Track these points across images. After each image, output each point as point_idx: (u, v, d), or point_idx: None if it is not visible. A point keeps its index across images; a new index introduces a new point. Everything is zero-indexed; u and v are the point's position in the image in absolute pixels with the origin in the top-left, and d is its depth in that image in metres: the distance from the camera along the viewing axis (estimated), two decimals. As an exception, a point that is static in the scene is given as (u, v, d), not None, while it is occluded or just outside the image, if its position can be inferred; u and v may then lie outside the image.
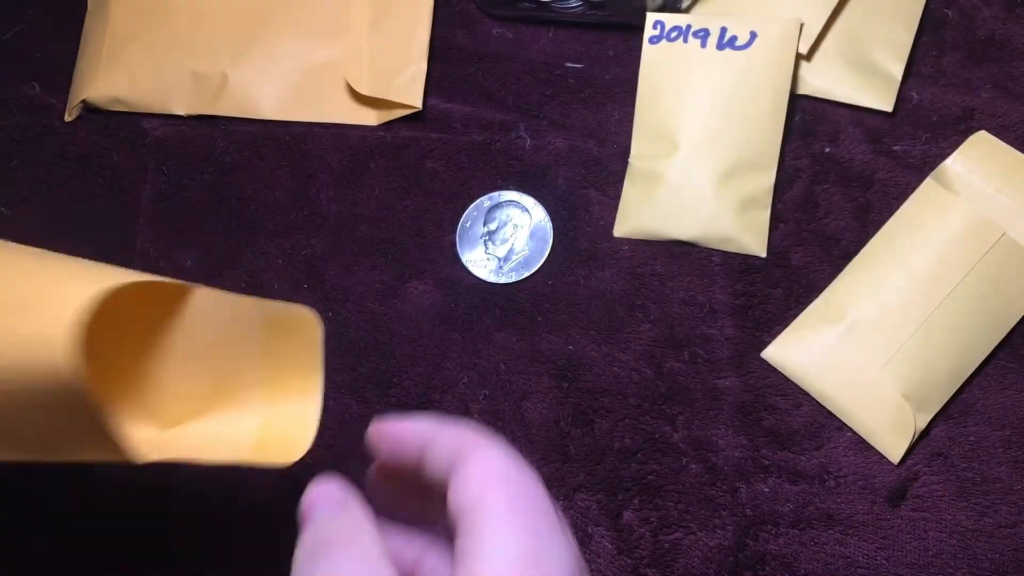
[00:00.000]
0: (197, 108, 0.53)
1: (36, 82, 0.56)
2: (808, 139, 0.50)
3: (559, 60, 0.52)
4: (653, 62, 0.49)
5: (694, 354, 0.48)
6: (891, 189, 0.49)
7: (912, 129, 0.49)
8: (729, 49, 0.48)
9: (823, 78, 0.50)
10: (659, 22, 0.49)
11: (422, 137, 0.52)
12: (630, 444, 0.48)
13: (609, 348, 0.49)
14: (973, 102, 0.49)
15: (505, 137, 0.52)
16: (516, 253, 0.50)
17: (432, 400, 0.49)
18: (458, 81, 0.53)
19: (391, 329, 0.50)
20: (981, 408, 0.46)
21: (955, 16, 0.50)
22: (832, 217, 0.49)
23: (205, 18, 0.53)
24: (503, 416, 0.48)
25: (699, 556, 0.46)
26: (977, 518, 0.45)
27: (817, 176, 0.50)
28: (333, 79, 0.52)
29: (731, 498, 0.47)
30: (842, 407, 0.46)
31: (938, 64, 0.50)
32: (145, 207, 0.53)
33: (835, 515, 0.46)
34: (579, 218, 0.51)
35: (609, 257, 0.50)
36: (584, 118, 0.52)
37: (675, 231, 0.49)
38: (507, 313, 0.50)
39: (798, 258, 0.49)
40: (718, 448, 0.47)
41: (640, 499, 0.47)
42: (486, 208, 0.51)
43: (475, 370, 0.49)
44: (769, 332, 0.48)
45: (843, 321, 0.46)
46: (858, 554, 0.45)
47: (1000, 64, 0.50)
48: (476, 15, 0.53)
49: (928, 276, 0.46)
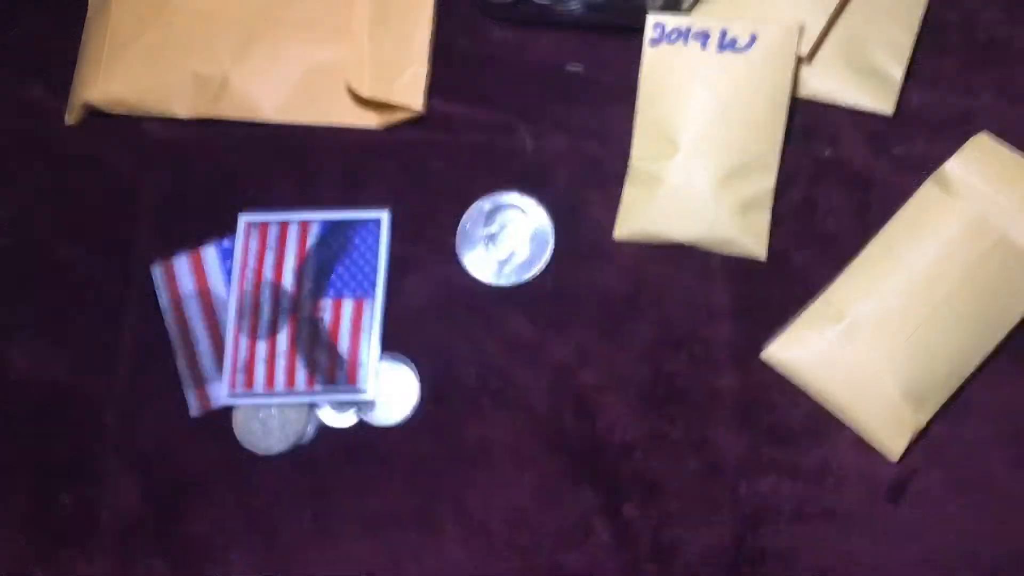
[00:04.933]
0: (198, 110, 0.53)
1: (37, 84, 0.56)
2: (808, 141, 0.50)
3: (560, 62, 0.52)
4: (654, 64, 0.49)
5: (694, 354, 0.49)
6: (891, 191, 0.49)
7: (912, 131, 0.50)
8: (729, 51, 0.48)
9: (823, 80, 0.50)
10: (659, 24, 0.48)
11: (423, 138, 0.52)
12: (631, 441, 0.48)
13: (609, 348, 0.49)
14: (973, 105, 0.49)
15: (506, 139, 0.52)
16: (517, 255, 0.50)
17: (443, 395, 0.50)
18: (459, 83, 0.53)
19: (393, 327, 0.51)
20: (980, 407, 0.47)
21: (955, 19, 0.50)
22: (832, 219, 0.49)
23: (206, 20, 0.53)
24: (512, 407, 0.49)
25: (699, 552, 0.47)
26: (975, 515, 0.46)
27: (817, 178, 0.50)
28: (334, 81, 0.52)
29: (731, 495, 0.47)
30: (842, 406, 0.47)
31: (938, 67, 0.50)
32: (146, 210, 0.53)
33: (834, 512, 0.46)
34: (580, 220, 0.51)
35: (610, 258, 0.50)
36: (585, 120, 0.52)
37: (676, 233, 0.49)
38: (508, 315, 0.50)
39: (798, 259, 0.49)
40: (718, 446, 0.48)
41: (641, 495, 0.47)
42: (487, 210, 0.51)
43: (479, 365, 0.49)
44: (769, 332, 0.48)
45: (843, 321, 0.47)
46: (857, 551, 0.46)
47: (1000, 67, 0.50)
48: (477, 17, 0.53)
49: (927, 277, 0.46)
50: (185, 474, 0.50)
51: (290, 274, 0.47)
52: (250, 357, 0.47)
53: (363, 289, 0.47)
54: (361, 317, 0.47)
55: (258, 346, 0.47)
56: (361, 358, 0.47)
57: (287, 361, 0.47)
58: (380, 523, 0.49)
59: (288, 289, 0.47)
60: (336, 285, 0.47)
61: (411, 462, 0.49)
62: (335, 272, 0.47)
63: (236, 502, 0.49)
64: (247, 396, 0.47)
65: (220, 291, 0.49)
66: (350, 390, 0.47)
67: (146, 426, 0.51)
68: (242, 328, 0.47)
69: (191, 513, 0.50)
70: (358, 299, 0.47)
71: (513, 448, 0.49)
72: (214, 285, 0.49)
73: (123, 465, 0.51)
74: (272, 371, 0.47)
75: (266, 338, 0.47)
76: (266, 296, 0.47)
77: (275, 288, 0.47)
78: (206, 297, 0.49)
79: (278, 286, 0.47)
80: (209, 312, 0.49)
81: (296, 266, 0.47)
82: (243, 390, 0.47)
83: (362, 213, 0.48)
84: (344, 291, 0.47)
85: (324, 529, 0.49)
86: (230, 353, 0.48)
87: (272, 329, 0.47)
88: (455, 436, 0.49)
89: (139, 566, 0.49)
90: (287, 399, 0.47)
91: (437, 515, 0.48)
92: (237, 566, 0.49)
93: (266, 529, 0.49)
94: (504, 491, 0.48)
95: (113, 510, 0.50)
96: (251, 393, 0.47)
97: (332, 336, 0.47)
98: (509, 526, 0.48)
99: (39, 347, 0.52)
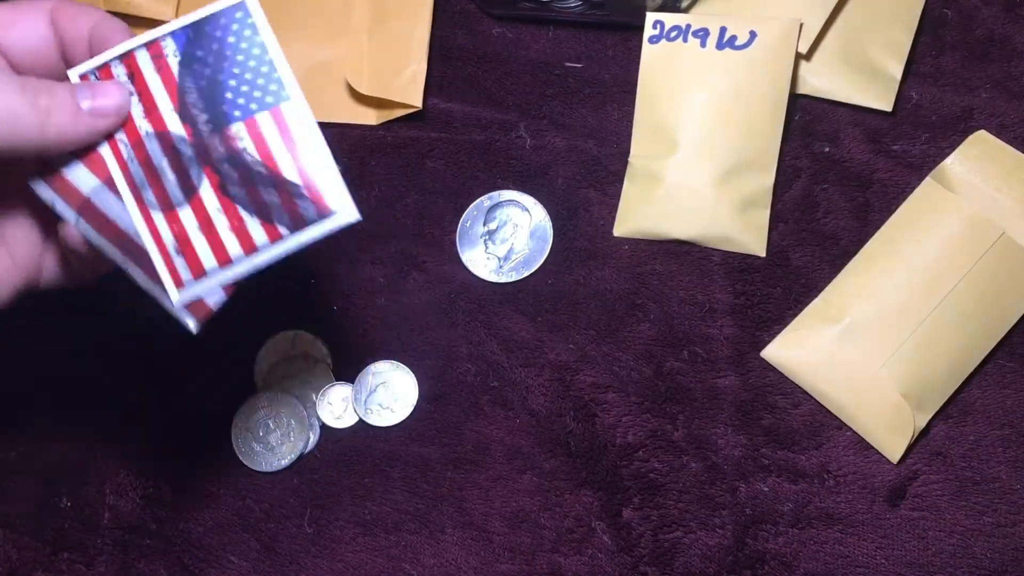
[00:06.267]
0: (197, 108, 0.53)
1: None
2: (808, 139, 0.50)
3: (559, 60, 0.52)
4: (653, 62, 0.49)
5: (694, 353, 0.49)
6: (890, 189, 0.49)
7: (911, 129, 0.50)
8: (729, 49, 0.48)
9: (823, 78, 0.50)
10: (659, 22, 0.49)
11: (422, 137, 0.52)
12: (631, 442, 0.48)
13: (609, 347, 0.49)
14: (972, 102, 0.49)
15: (505, 137, 0.52)
16: (516, 252, 0.50)
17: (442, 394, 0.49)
18: (458, 81, 0.53)
19: (396, 325, 0.50)
20: (980, 407, 0.47)
21: (954, 16, 0.50)
22: (832, 217, 0.49)
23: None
24: (512, 406, 0.49)
25: (699, 555, 0.46)
26: (976, 517, 0.45)
27: (817, 176, 0.50)
28: (333, 79, 0.52)
29: (731, 497, 0.47)
30: (841, 406, 0.47)
31: (937, 64, 0.50)
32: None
33: (834, 514, 0.46)
34: (579, 217, 0.51)
35: (609, 256, 0.50)
36: (584, 118, 0.52)
37: (675, 231, 0.49)
38: (507, 312, 0.50)
39: (798, 257, 0.49)
40: (718, 447, 0.47)
41: (640, 497, 0.47)
42: (486, 208, 0.51)
43: (479, 364, 0.49)
44: (769, 331, 0.48)
45: (842, 320, 0.46)
46: (857, 553, 0.46)
47: (999, 64, 0.50)
48: (476, 15, 0.53)
49: (927, 275, 0.46)
50: (185, 477, 0.50)
51: (171, 114, 0.35)
52: (180, 233, 0.36)
53: (271, 93, 0.35)
54: (287, 127, 0.35)
55: (182, 215, 0.36)
56: (315, 175, 0.36)
57: (228, 219, 0.36)
58: (379, 524, 0.48)
59: (179, 133, 0.35)
60: (236, 103, 0.35)
61: (410, 463, 0.49)
62: (227, 88, 0.35)
63: (235, 505, 0.49)
64: (201, 281, 0.36)
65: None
66: (324, 218, 0.36)
67: (147, 427, 0.51)
68: (149, 204, 0.35)
69: (191, 516, 0.49)
70: (272, 108, 0.35)
71: (513, 449, 0.48)
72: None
73: (124, 467, 0.50)
74: (216, 239, 0.36)
75: (186, 202, 0.36)
76: (156, 152, 0.35)
77: (163, 138, 0.35)
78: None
79: (165, 134, 0.35)
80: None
81: (173, 103, 0.35)
82: (192, 278, 0.36)
83: (217, 2, 0.35)
84: (250, 105, 0.35)
85: (323, 531, 0.48)
86: (151, 241, 0.36)
87: (188, 189, 0.36)
88: (455, 436, 0.49)
89: (139, 569, 0.49)
90: (253, 263, 0.36)
91: (436, 516, 0.48)
92: (237, 568, 0.48)
93: (265, 531, 0.49)
94: (504, 492, 0.48)
95: (114, 513, 0.50)
96: (205, 276, 0.36)
97: (268, 163, 0.35)
98: (509, 528, 0.48)
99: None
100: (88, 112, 0.33)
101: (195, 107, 0.35)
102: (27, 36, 0.34)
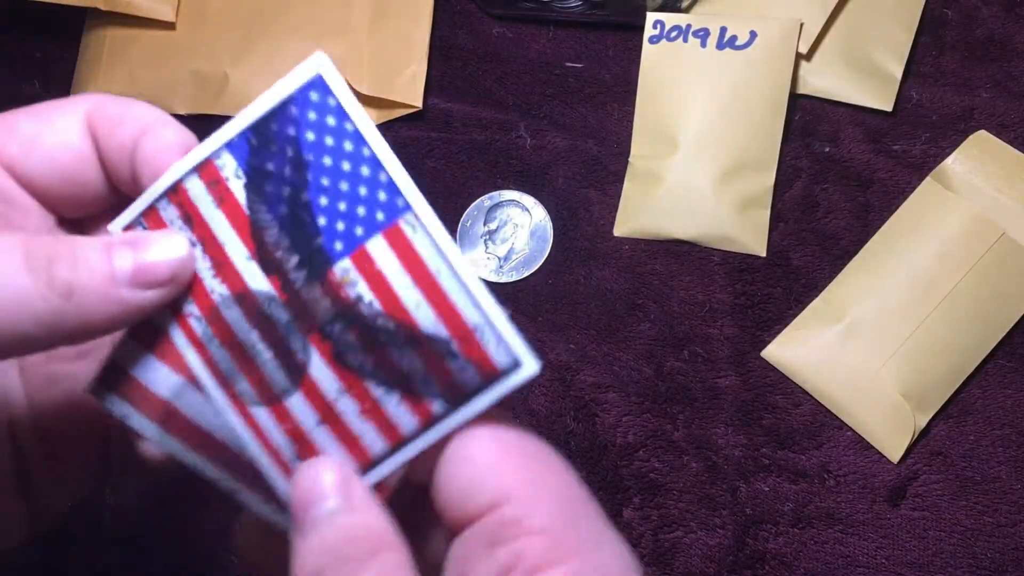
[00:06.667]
0: (198, 108, 0.53)
1: (37, 81, 0.56)
2: (808, 139, 0.50)
3: (559, 60, 0.52)
4: (653, 62, 0.49)
5: (694, 353, 0.49)
6: (891, 189, 0.49)
7: (912, 129, 0.50)
8: (729, 49, 0.48)
9: (823, 78, 0.50)
10: (659, 22, 0.49)
11: (422, 136, 0.52)
12: (632, 442, 0.48)
13: (609, 347, 0.49)
14: (973, 101, 0.49)
15: (505, 137, 0.52)
16: (516, 252, 0.50)
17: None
18: (458, 81, 0.53)
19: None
20: (980, 407, 0.47)
21: (954, 16, 0.50)
22: (832, 216, 0.49)
23: (206, 18, 0.53)
24: (512, 406, 0.49)
25: (699, 555, 0.46)
26: (976, 517, 0.45)
27: (817, 176, 0.50)
28: (334, 79, 0.52)
29: (731, 497, 0.47)
30: (842, 406, 0.46)
31: (938, 64, 0.50)
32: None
33: (835, 514, 0.46)
34: (579, 217, 0.51)
35: (609, 256, 0.50)
36: (584, 118, 0.52)
37: (675, 230, 0.49)
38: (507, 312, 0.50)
39: (798, 257, 0.49)
40: (718, 447, 0.47)
41: (641, 497, 0.47)
42: (486, 207, 0.51)
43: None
44: (769, 331, 0.48)
45: (843, 320, 0.46)
46: (858, 553, 0.46)
47: (1000, 63, 0.50)
48: (476, 15, 0.53)
49: (928, 275, 0.46)
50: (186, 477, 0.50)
51: (248, 264, 0.24)
52: (294, 431, 0.25)
53: (382, 205, 0.24)
54: (415, 249, 0.23)
55: (291, 407, 0.25)
56: (468, 315, 0.24)
57: (356, 401, 0.24)
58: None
59: (265, 290, 0.24)
60: (334, 230, 0.24)
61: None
62: (317, 210, 0.24)
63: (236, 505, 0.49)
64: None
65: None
66: (493, 382, 0.24)
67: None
68: (245, 398, 0.25)
69: (192, 517, 0.49)
70: (388, 225, 0.24)
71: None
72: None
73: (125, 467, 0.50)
74: (345, 431, 0.25)
75: (294, 387, 0.25)
76: (239, 322, 0.25)
77: (244, 301, 0.25)
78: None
79: (246, 295, 0.25)
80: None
81: (248, 247, 0.25)
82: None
83: (280, 84, 0.24)
84: (355, 230, 0.24)
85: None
86: (258, 449, 0.26)
87: (292, 368, 0.25)
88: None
89: (139, 569, 0.49)
90: (404, 457, 0.24)
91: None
92: (238, 569, 0.48)
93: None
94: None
95: (114, 513, 0.50)
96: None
97: (394, 313, 0.24)
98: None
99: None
100: (128, 281, 0.22)
101: (279, 247, 0.25)
102: (56, 157, 0.24)
